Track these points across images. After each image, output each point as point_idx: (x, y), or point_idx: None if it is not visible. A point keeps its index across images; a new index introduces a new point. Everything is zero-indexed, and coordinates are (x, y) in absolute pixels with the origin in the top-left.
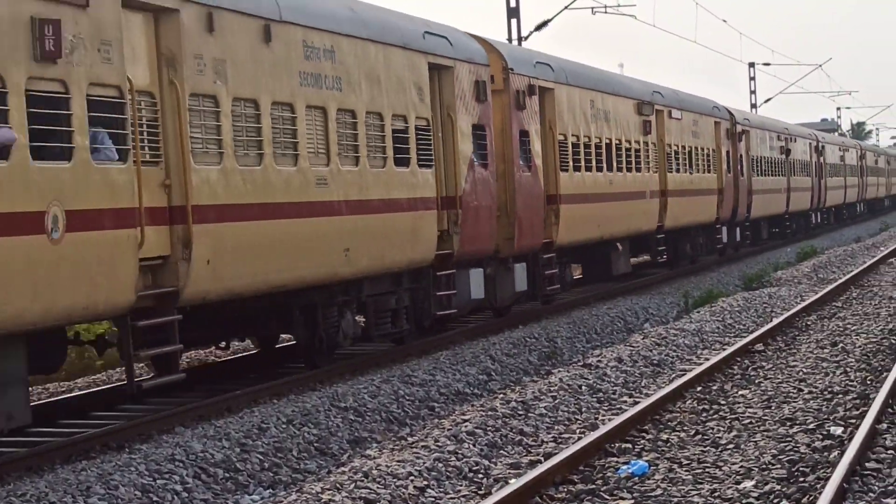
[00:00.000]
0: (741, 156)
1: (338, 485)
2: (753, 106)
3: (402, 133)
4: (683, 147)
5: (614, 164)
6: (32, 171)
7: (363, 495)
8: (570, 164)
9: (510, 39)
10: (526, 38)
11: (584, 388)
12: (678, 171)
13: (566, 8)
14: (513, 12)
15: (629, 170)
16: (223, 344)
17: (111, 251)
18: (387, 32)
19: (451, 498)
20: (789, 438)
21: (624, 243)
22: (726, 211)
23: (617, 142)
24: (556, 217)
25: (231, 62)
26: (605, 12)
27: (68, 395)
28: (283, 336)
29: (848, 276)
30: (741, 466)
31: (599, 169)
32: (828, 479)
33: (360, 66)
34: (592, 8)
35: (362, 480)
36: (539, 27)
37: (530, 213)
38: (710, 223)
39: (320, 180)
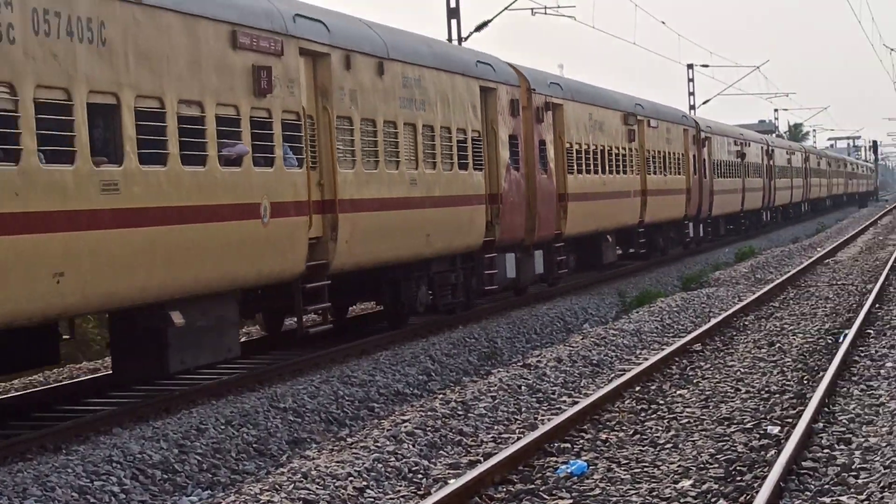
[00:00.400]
0: (704, 160)
1: (276, 486)
2: (692, 107)
3: (462, 143)
4: (659, 152)
5: (607, 168)
6: (253, 175)
7: (302, 496)
8: (575, 167)
9: (450, 39)
10: (466, 38)
11: (523, 388)
12: (655, 173)
13: (506, 9)
14: (453, 13)
15: (618, 172)
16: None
17: (294, 232)
18: (452, 63)
19: (391, 498)
20: (727, 438)
21: (612, 236)
22: (693, 209)
23: (609, 148)
24: (565, 212)
25: (360, 91)
26: (545, 13)
27: (4, 396)
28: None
29: (785, 277)
30: (679, 466)
31: (596, 171)
32: (765, 478)
33: (436, 91)
34: (532, 9)
35: (301, 481)
36: (479, 28)
37: (546, 209)
38: (680, 219)
39: (412, 181)
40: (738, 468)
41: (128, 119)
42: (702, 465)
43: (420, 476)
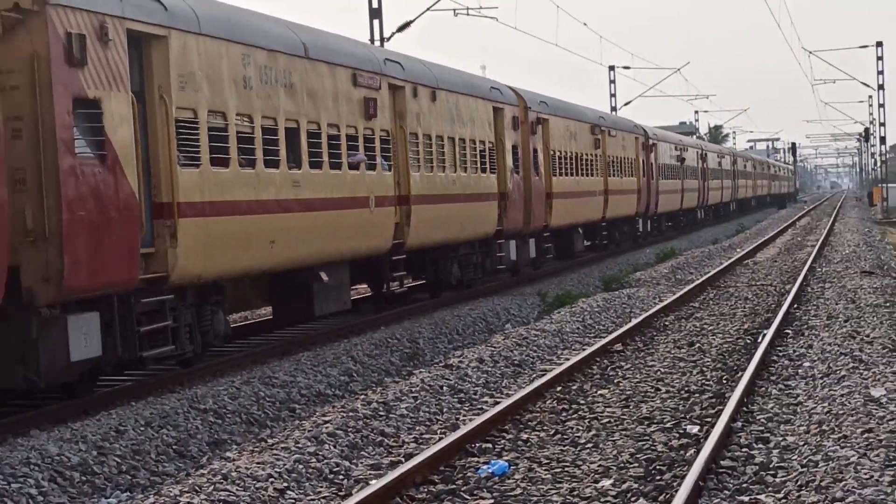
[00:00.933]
0: (652, 164)
1: (196, 487)
2: (613, 109)
3: (483, 152)
4: (617, 158)
5: (580, 171)
6: (365, 176)
7: (222, 497)
8: (558, 171)
9: (372, 40)
10: (388, 38)
11: (445, 388)
12: (615, 175)
13: (428, 9)
14: (375, 13)
15: (588, 174)
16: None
17: (386, 218)
18: (475, 89)
19: (312, 499)
20: (647, 437)
21: (581, 229)
22: (642, 207)
23: (581, 154)
24: (550, 208)
25: (422, 113)
26: (468, 14)
27: None
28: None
29: (705, 277)
30: (600, 465)
31: (572, 174)
32: (684, 477)
33: (467, 111)
34: (454, 9)
35: (221, 483)
36: (401, 28)
37: (538, 205)
38: (633, 216)
39: (453, 182)
40: (657, 467)
41: (303, 138)
42: (622, 465)
43: (341, 477)
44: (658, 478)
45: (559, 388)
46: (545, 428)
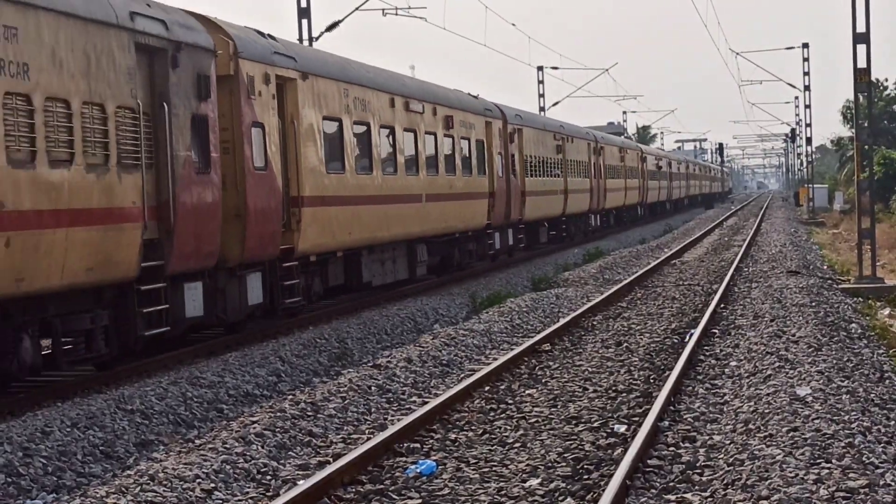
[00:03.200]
0: (600, 166)
1: (123, 488)
2: (542, 109)
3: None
4: (574, 161)
5: (546, 173)
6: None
7: (149, 498)
8: (530, 173)
9: (301, 40)
10: (317, 38)
11: (373, 388)
12: (572, 176)
13: (357, 9)
14: (304, 12)
15: (552, 176)
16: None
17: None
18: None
19: (239, 500)
20: (574, 437)
21: (546, 223)
22: (594, 204)
23: (547, 158)
24: (524, 204)
25: (525, 143)
26: (396, 14)
27: None
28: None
29: (633, 277)
30: (527, 465)
31: (541, 175)
32: (611, 476)
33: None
34: (383, 9)
35: (148, 483)
36: (330, 28)
37: (516, 202)
38: (585, 212)
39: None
40: (585, 466)
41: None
42: (549, 464)
43: (269, 477)
44: (586, 477)
45: (487, 388)
46: (473, 428)
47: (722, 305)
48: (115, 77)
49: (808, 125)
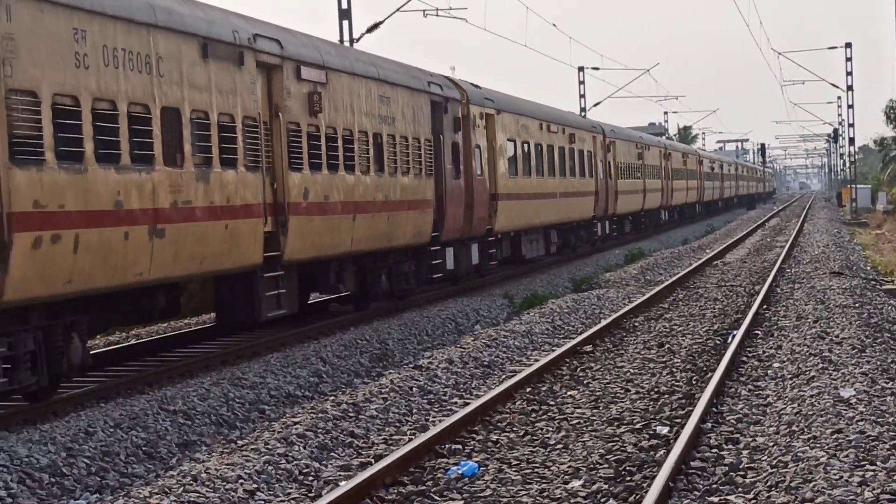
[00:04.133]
0: (669, 169)
1: (166, 489)
2: (583, 110)
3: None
4: (650, 165)
5: (632, 175)
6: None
7: (192, 499)
8: (620, 175)
9: (342, 40)
10: (357, 39)
11: (414, 389)
12: (648, 178)
13: (398, 10)
14: (344, 14)
15: (634, 178)
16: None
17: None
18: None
19: (281, 501)
20: (616, 438)
21: (629, 216)
22: (664, 201)
23: (631, 164)
24: (616, 200)
25: (617, 152)
26: (437, 15)
27: None
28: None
29: (674, 278)
30: (569, 466)
31: (627, 178)
32: (654, 478)
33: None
34: (424, 10)
35: (191, 484)
36: (370, 29)
37: (612, 198)
38: (657, 208)
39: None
40: (627, 468)
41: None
42: (592, 466)
43: (311, 478)
44: (628, 479)
45: (529, 389)
46: (515, 429)
47: (764, 307)
48: (423, 121)
49: (851, 125)
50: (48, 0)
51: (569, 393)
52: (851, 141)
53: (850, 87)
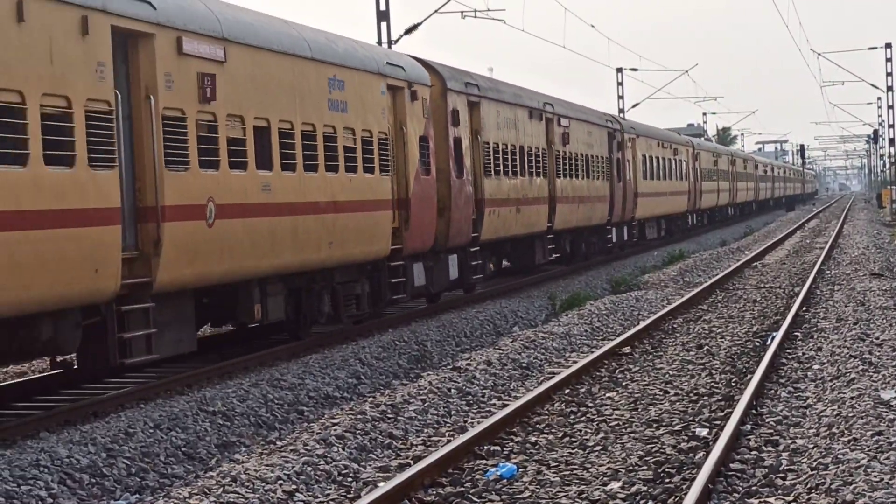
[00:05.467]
0: (734, 172)
1: (206, 489)
2: (621, 111)
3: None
4: (722, 170)
5: (710, 179)
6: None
7: (231, 500)
8: (702, 178)
9: (380, 42)
10: (396, 41)
11: (453, 391)
12: (720, 181)
13: (436, 12)
14: (383, 15)
15: (712, 181)
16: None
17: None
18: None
19: (321, 501)
20: (655, 440)
21: (707, 211)
22: (731, 199)
23: (710, 169)
24: (700, 197)
25: (702, 160)
26: (475, 16)
27: None
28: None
29: (713, 280)
30: (608, 468)
31: (707, 181)
32: (693, 479)
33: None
34: (462, 12)
35: (230, 485)
36: (409, 31)
37: (697, 196)
38: (726, 205)
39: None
40: (666, 470)
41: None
42: (631, 468)
43: (350, 479)
44: (667, 480)
45: (567, 391)
46: (553, 430)
47: (804, 308)
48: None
49: (891, 126)
50: None
51: (607, 395)
52: (892, 142)
53: (890, 88)
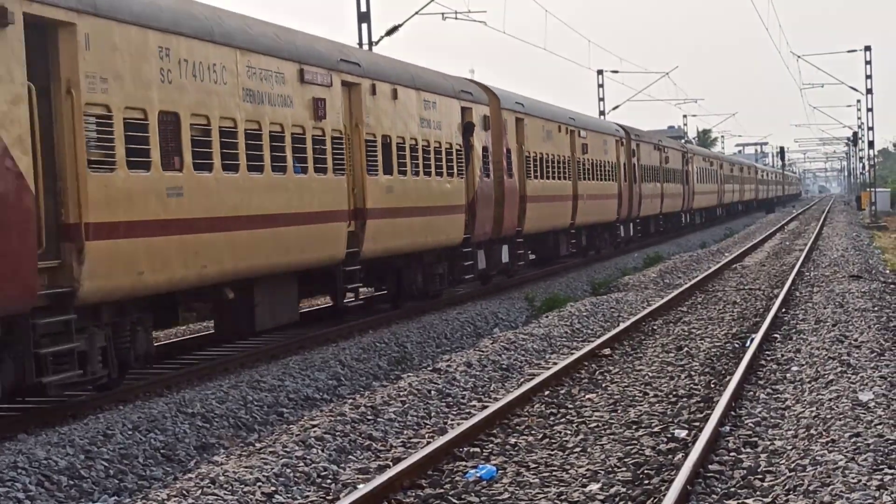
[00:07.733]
0: (726, 176)
1: (184, 491)
2: (602, 113)
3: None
4: (716, 172)
5: (706, 181)
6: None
7: (210, 502)
8: (697, 181)
9: (360, 44)
10: (377, 42)
11: (433, 392)
12: (709, 183)
13: (417, 13)
14: (363, 17)
15: (708, 183)
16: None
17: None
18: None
19: (300, 503)
20: (635, 441)
21: (702, 211)
22: (719, 200)
23: (707, 170)
24: (693, 199)
25: (696, 164)
26: (456, 18)
27: None
28: None
29: (693, 282)
30: (588, 469)
31: (702, 182)
32: (672, 481)
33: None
34: (443, 13)
35: (209, 487)
36: (390, 32)
37: (690, 198)
38: (714, 206)
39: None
40: (645, 472)
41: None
42: (610, 469)
43: (329, 481)
44: (646, 482)
45: (547, 393)
46: (533, 432)
47: (783, 310)
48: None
49: (871, 128)
50: None
51: (587, 396)
52: (871, 144)
53: (869, 91)
